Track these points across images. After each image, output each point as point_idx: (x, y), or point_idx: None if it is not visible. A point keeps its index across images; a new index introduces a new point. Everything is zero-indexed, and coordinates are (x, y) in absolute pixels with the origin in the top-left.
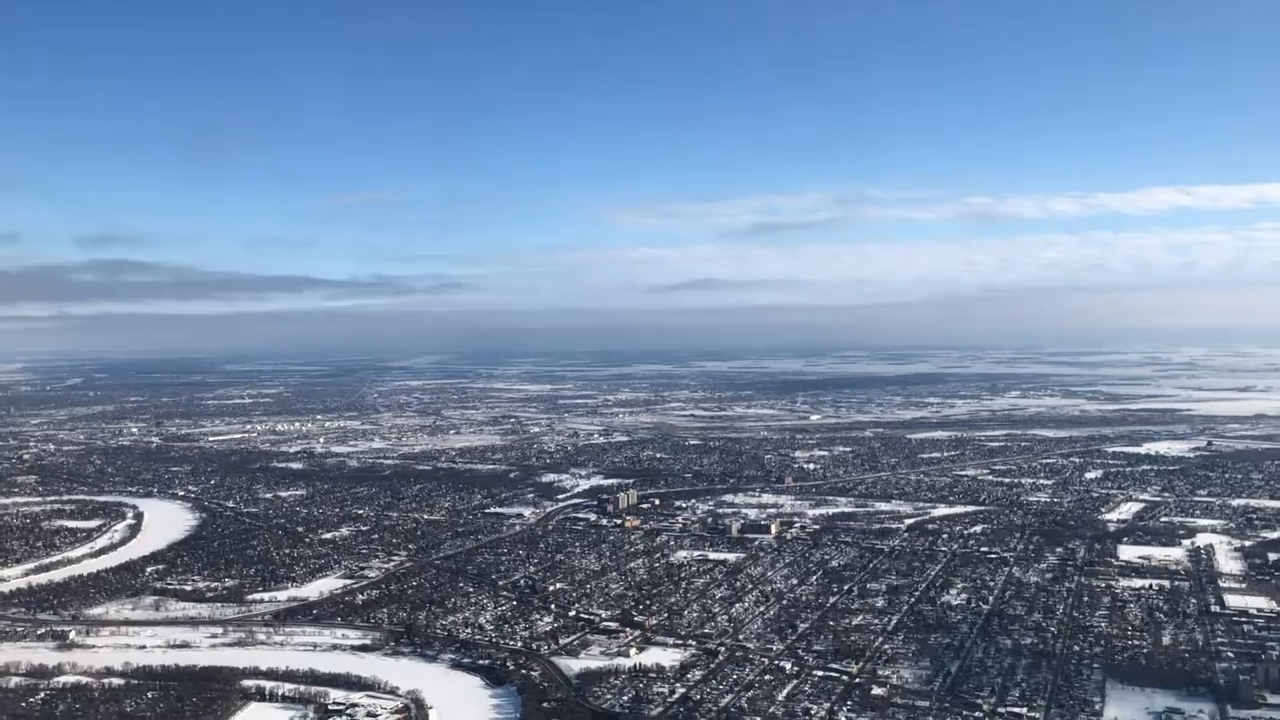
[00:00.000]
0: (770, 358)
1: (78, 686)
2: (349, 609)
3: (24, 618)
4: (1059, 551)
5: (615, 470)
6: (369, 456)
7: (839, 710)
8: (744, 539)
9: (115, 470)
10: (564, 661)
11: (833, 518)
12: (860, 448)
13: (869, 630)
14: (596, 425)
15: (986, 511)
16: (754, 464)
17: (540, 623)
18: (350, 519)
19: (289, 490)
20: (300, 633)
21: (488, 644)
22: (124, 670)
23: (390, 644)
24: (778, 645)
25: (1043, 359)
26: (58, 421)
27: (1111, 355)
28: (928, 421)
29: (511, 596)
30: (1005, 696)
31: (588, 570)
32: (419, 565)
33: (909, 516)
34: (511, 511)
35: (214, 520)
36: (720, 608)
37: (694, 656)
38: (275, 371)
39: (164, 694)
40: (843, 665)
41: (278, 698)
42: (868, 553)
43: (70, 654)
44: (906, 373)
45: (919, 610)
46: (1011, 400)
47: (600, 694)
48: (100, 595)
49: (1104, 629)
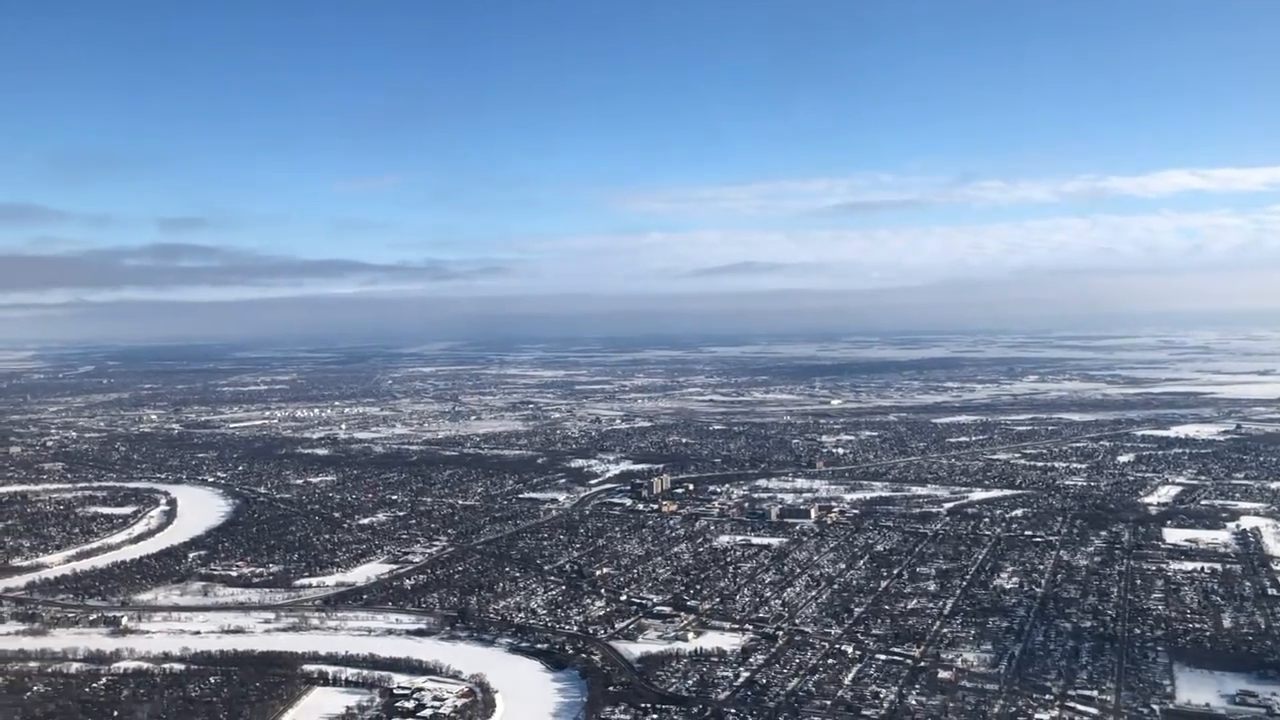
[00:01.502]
0: (781, 343)
1: (139, 672)
2: (399, 594)
3: (73, 604)
4: (1103, 535)
5: (643, 455)
6: (393, 442)
7: (907, 693)
8: (784, 524)
9: (140, 457)
10: (623, 646)
11: (871, 502)
12: (886, 432)
13: (925, 614)
14: (616, 411)
15: (1024, 495)
16: (782, 449)
17: (592, 607)
18: (385, 504)
19: (319, 476)
20: (353, 618)
21: (543, 628)
22: (183, 655)
23: (445, 628)
24: (836, 629)
25: (1054, 343)
26: (75, 409)
27: (1123, 339)
28: (950, 406)
29: (559, 581)
30: (1073, 679)
31: (632, 555)
32: (461, 550)
33: (947, 501)
34: (545, 497)
35: (248, 506)
36: (772, 592)
37: (753, 640)
38: (286, 358)
39: (227, 679)
40: (904, 649)
41: (341, 682)
42: (911, 537)
43: (125, 639)
44: (920, 357)
45: (973, 594)
46: (1031, 384)
47: (664, 678)
48: (146, 581)
49: (1162, 612)
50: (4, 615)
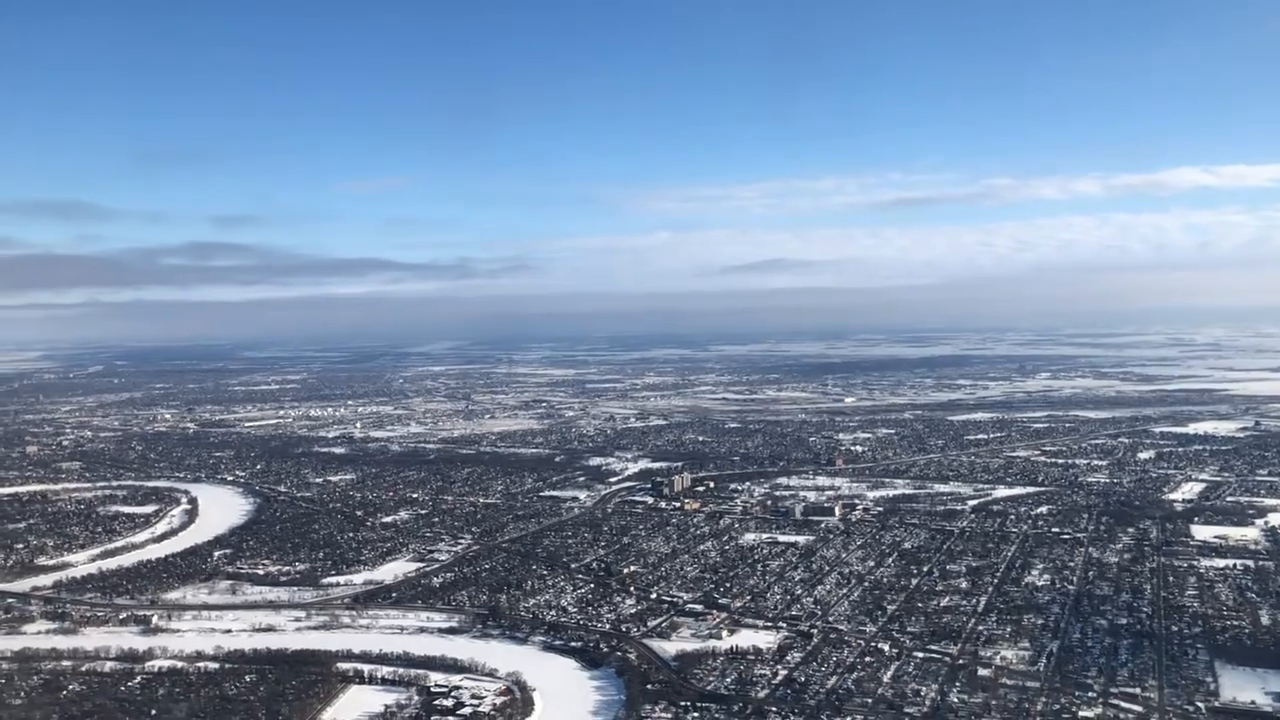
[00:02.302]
0: (789, 341)
1: (173, 671)
2: (427, 592)
3: (101, 603)
4: (1131, 532)
5: (660, 454)
6: (410, 441)
7: (949, 691)
8: (809, 521)
9: (157, 456)
10: (657, 644)
11: (894, 500)
12: (904, 430)
13: (959, 611)
14: (630, 409)
15: (1048, 492)
16: (799, 446)
17: (623, 605)
18: (406, 503)
19: (338, 475)
20: (384, 616)
21: (575, 626)
22: (215, 654)
23: (477, 626)
24: (870, 627)
25: (1064, 341)
26: (89, 408)
27: (1133, 336)
28: (964, 403)
29: (587, 579)
30: (1114, 677)
31: (658, 553)
32: (486, 548)
33: (971, 498)
34: (566, 495)
35: (269, 505)
36: (803, 590)
37: (788, 638)
38: (294, 358)
39: (262, 677)
40: (941, 647)
41: (377, 680)
42: (938, 534)
43: (156, 638)
44: (930, 355)
45: (1005, 591)
46: (1044, 382)
47: (701, 676)
48: (173, 580)
49: (1198, 609)
50: (34, 614)
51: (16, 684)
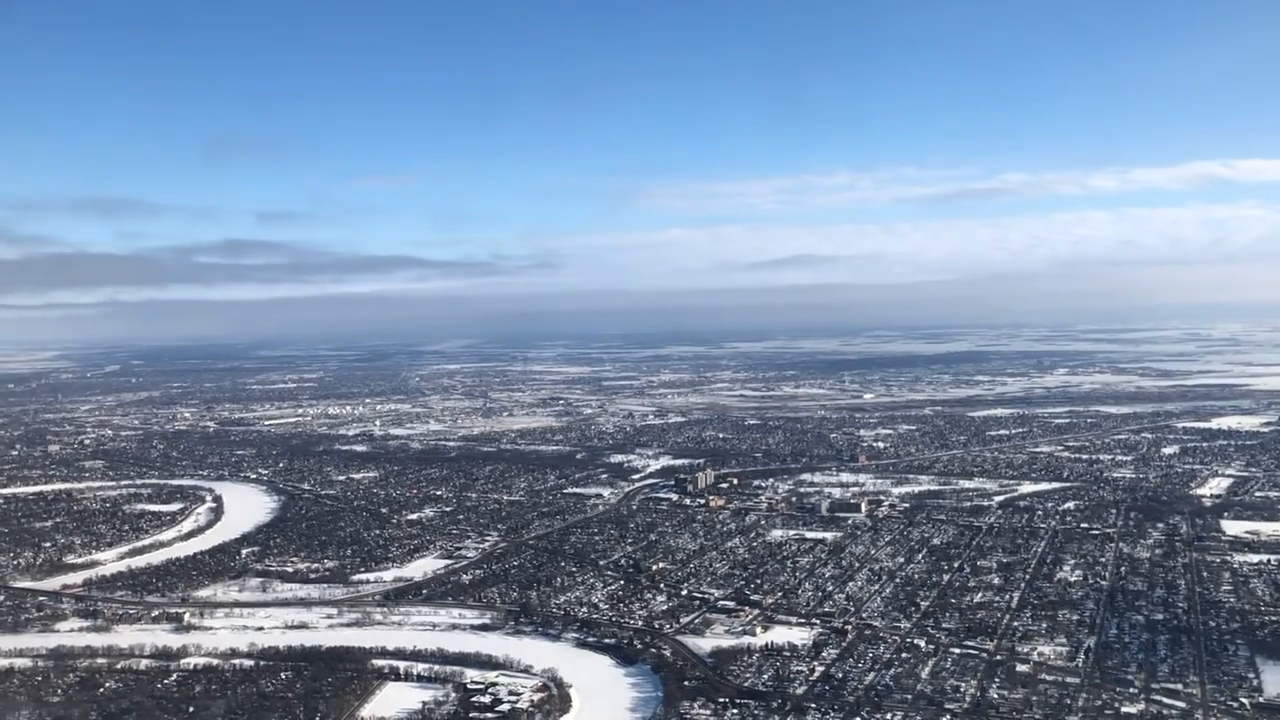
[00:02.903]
0: (803, 338)
1: (209, 668)
2: (457, 589)
3: (132, 600)
4: (1161, 527)
5: (681, 450)
6: (430, 439)
7: (988, 686)
8: (835, 518)
9: (180, 454)
10: (691, 640)
11: (920, 496)
12: (925, 426)
13: (993, 607)
14: (648, 406)
15: (1074, 488)
16: (821, 443)
17: (654, 602)
18: (430, 500)
19: (360, 472)
20: (415, 612)
21: (608, 623)
22: (250, 651)
23: (509, 623)
24: (905, 623)
25: (1079, 336)
26: (108, 407)
27: (1149, 332)
28: (984, 399)
29: (616, 576)
30: (1154, 672)
31: (686, 550)
32: (513, 545)
33: (997, 494)
34: (590, 492)
35: (294, 503)
36: (834, 586)
37: (822, 635)
38: (309, 357)
39: (298, 674)
40: (977, 643)
41: (413, 677)
42: (966, 530)
43: (189, 636)
44: (945, 351)
45: (1038, 587)
46: (1062, 377)
47: (738, 672)
48: (203, 577)
49: (1235, 604)
50: (66, 612)
51: (53, 681)
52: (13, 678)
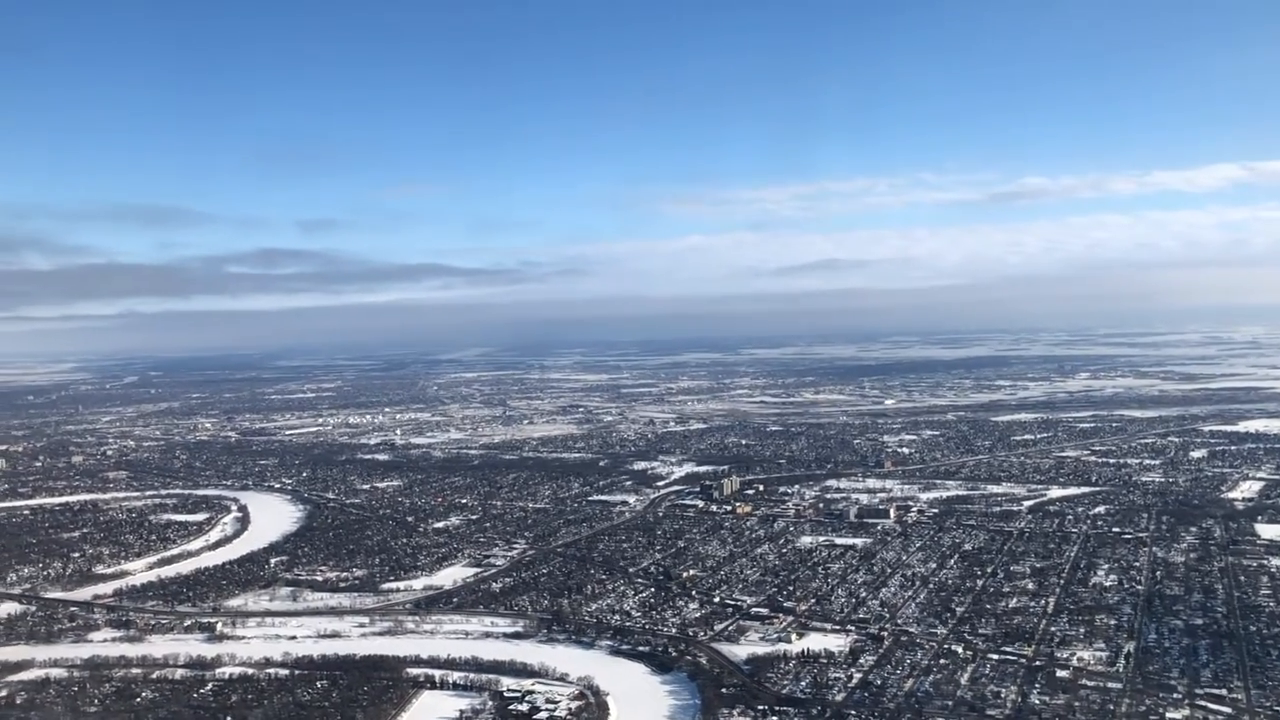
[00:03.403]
0: (820, 344)
1: (244, 677)
2: (488, 597)
3: (164, 610)
4: (1194, 531)
5: (705, 457)
6: (451, 447)
7: (1029, 692)
8: (864, 524)
9: (203, 464)
10: (726, 647)
11: (948, 501)
12: (948, 431)
13: (1029, 613)
14: (668, 413)
15: (1103, 492)
16: (845, 449)
17: (687, 609)
18: (455, 508)
19: (384, 481)
20: (447, 621)
21: (641, 630)
22: (284, 660)
23: (542, 631)
24: (941, 629)
25: (1098, 341)
26: (129, 419)
27: (1168, 336)
28: (1006, 404)
29: (647, 583)
30: (1197, 678)
31: (716, 557)
32: (541, 553)
33: (1025, 499)
34: (615, 499)
35: (320, 512)
36: (867, 592)
37: (859, 641)
38: (326, 367)
39: (333, 683)
40: (1016, 648)
41: (449, 685)
42: (997, 535)
43: (222, 645)
44: (965, 356)
45: (1073, 592)
46: (1084, 382)
47: (775, 679)
48: (233, 587)
49: (1275, 609)
50: (98, 622)
51: (90, 692)
52: (49, 688)
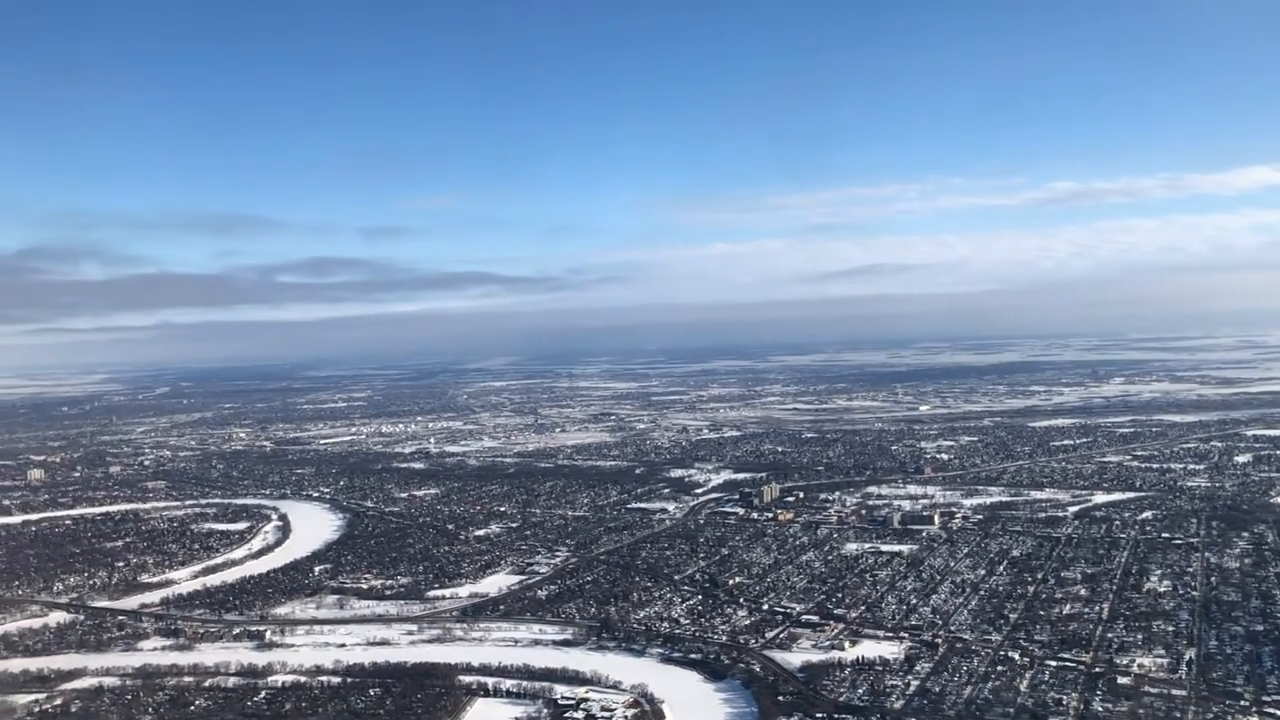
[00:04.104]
0: (849, 351)
1: (296, 685)
2: (534, 604)
3: (211, 619)
4: (1245, 536)
5: (741, 465)
6: (486, 455)
7: (1091, 699)
8: (908, 530)
9: (239, 474)
10: (779, 655)
11: (992, 507)
12: (986, 437)
13: (1084, 619)
14: (701, 420)
15: (1149, 498)
16: (883, 455)
17: (735, 616)
18: (495, 516)
19: (421, 489)
20: (495, 628)
21: (691, 638)
22: (335, 668)
23: (592, 638)
24: (995, 636)
25: (1131, 345)
26: (163, 429)
27: (1202, 340)
28: (1042, 409)
29: (693, 591)
30: (1263, 685)
31: (761, 564)
32: (584, 561)
33: (1070, 504)
34: (654, 507)
35: (360, 520)
36: (917, 599)
37: (913, 649)
38: (355, 376)
39: (386, 691)
40: (1073, 655)
41: (502, 693)
42: (1045, 541)
43: (272, 653)
44: (996, 362)
45: (1127, 598)
46: (1119, 387)
47: (831, 687)
48: (279, 595)
49: None
50: (147, 631)
51: (143, 700)
52: (103, 696)
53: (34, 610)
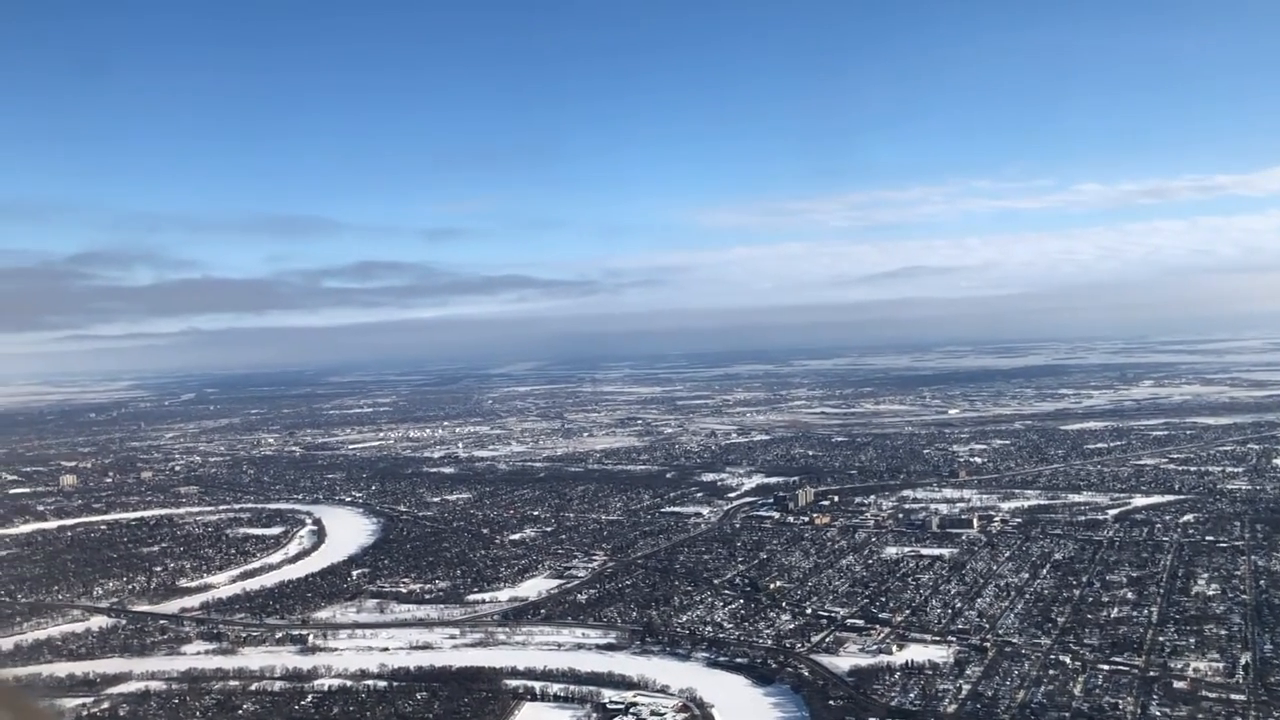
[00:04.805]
0: (872, 354)
1: (343, 689)
2: (575, 608)
3: (253, 623)
4: None
5: (773, 468)
6: (515, 460)
7: (1148, 704)
8: (947, 534)
9: (271, 479)
10: (826, 659)
11: (1030, 510)
12: (1018, 440)
13: (1134, 623)
14: (728, 425)
15: (1189, 500)
16: (915, 459)
17: (780, 620)
18: (528, 520)
19: (453, 494)
20: (538, 632)
21: (736, 642)
22: (380, 672)
23: (635, 643)
24: (1044, 639)
25: (1156, 348)
26: (191, 435)
27: (1230, 342)
28: (1073, 412)
29: (734, 595)
30: None
31: (801, 568)
32: (622, 565)
33: (1109, 507)
34: (688, 511)
35: (394, 524)
36: (962, 603)
37: (961, 653)
38: (379, 382)
39: (433, 695)
40: (1125, 658)
41: (549, 697)
42: (1087, 545)
43: (316, 657)
44: (1022, 365)
45: (1176, 601)
46: (1149, 389)
47: (881, 691)
48: (318, 599)
49: None
50: (189, 635)
51: (190, 704)
52: (150, 700)
53: (75, 615)
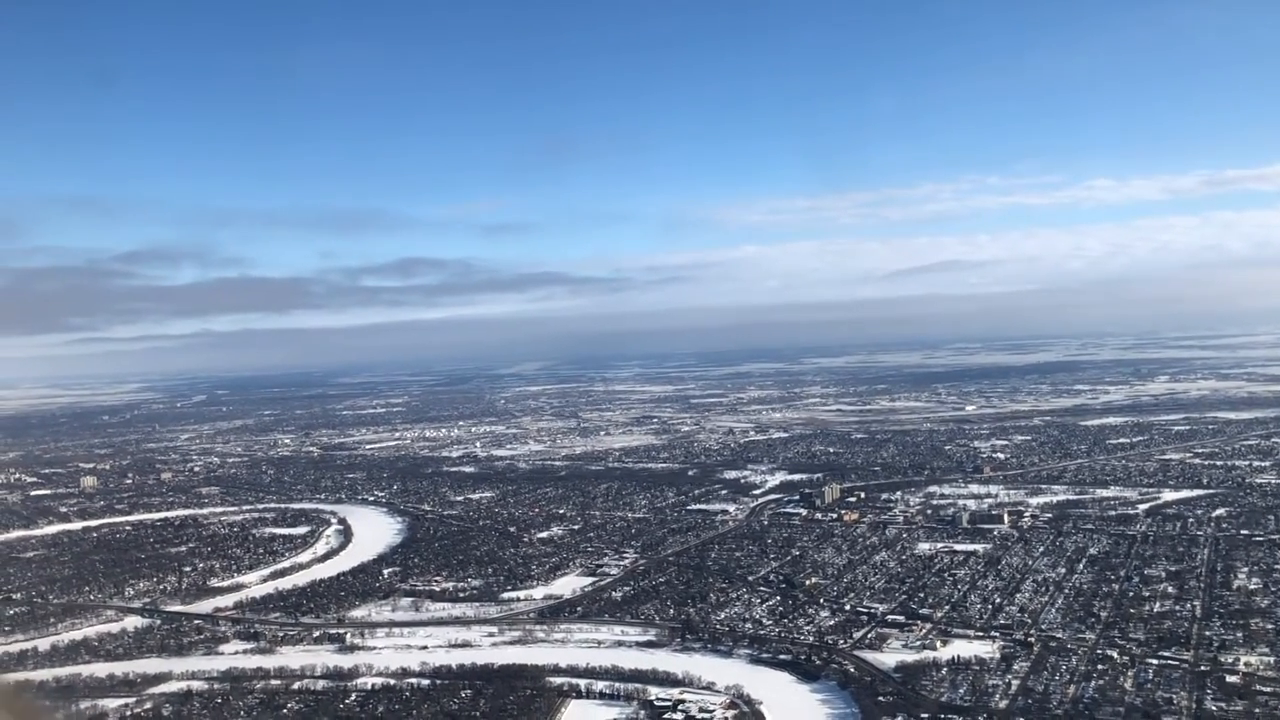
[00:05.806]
0: (883, 352)
1: (386, 688)
2: (610, 605)
3: (288, 622)
4: None
5: (795, 465)
6: (534, 459)
7: (1202, 698)
8: (978, 529)
9: (291, 479)
10: (870, 656)
11: (1060, 505)
12: (1039, 435)
13: (1178, 617)
14: (745, 422)
15: (1219, 494)
16: (938, 455)
17: (819, 617)
18: (555, 519)
19: (476, 493)
20: (576, 630)
21: (778, 639)
22: (422, 670)
23: (676, 640)
24: (1089, 634)
25: (1169, 344)
26: (206, 436)
27: (1242, 337)
28: (1091, 408)
29: (770, 591)
30: None
31: (834, 564)
32: (653, 562)
33: (1139, 502)
34: (714, 508)
35: (419, 523)
36: (1001, 598)
37: (1007, 648)
38: (390, 383)
39: (478, 693)
40: (1173, 653)
41: (595, 695)
42: (1121, 539)
43: (355, 656)
44: (1035, 362)
45: (1218, 595)
46: (1165, 385)
47: (930, 687)
48: (352, 598)
49: None
50: (226, 634)
51: (234, 704)
52: (192, 700)
53: (108, 615)
